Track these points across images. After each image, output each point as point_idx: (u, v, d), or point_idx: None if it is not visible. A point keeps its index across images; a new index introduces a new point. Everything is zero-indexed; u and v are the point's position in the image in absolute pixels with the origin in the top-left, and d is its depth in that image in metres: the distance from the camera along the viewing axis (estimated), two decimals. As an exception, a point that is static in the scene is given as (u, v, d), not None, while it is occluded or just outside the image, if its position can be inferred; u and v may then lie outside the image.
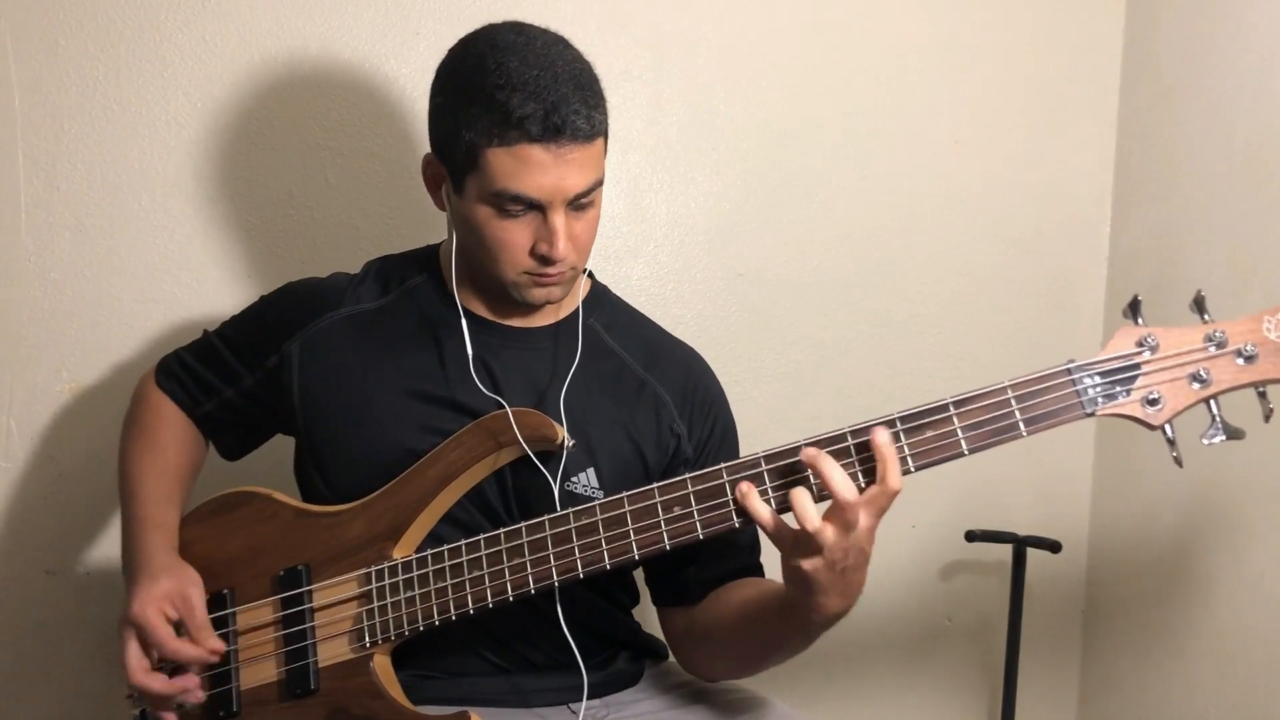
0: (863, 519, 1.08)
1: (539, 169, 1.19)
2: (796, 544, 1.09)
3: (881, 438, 1.08)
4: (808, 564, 1.09)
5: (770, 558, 1.31)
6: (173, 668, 1.28)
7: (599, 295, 1.45)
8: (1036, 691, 2.14)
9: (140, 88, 1.73)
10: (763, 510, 1.11)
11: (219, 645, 1.27)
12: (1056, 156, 2.11)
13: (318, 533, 1.30)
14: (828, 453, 1.09)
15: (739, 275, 1.99)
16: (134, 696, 1.34)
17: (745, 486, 1.12)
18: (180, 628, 1.26)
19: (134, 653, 1.25)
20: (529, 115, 1.17)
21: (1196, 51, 1.93)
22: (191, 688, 1.27)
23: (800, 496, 1.09)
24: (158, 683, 1.25)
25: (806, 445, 1.11)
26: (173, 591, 1.26)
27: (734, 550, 1.36)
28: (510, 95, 1.17)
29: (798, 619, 1.16)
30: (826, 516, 1.08)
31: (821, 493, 1.09)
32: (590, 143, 1.21)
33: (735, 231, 1.98)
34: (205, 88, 1.75)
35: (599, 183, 1.25)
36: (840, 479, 1.07)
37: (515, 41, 1.22)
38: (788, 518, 1.11)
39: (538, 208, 1.22)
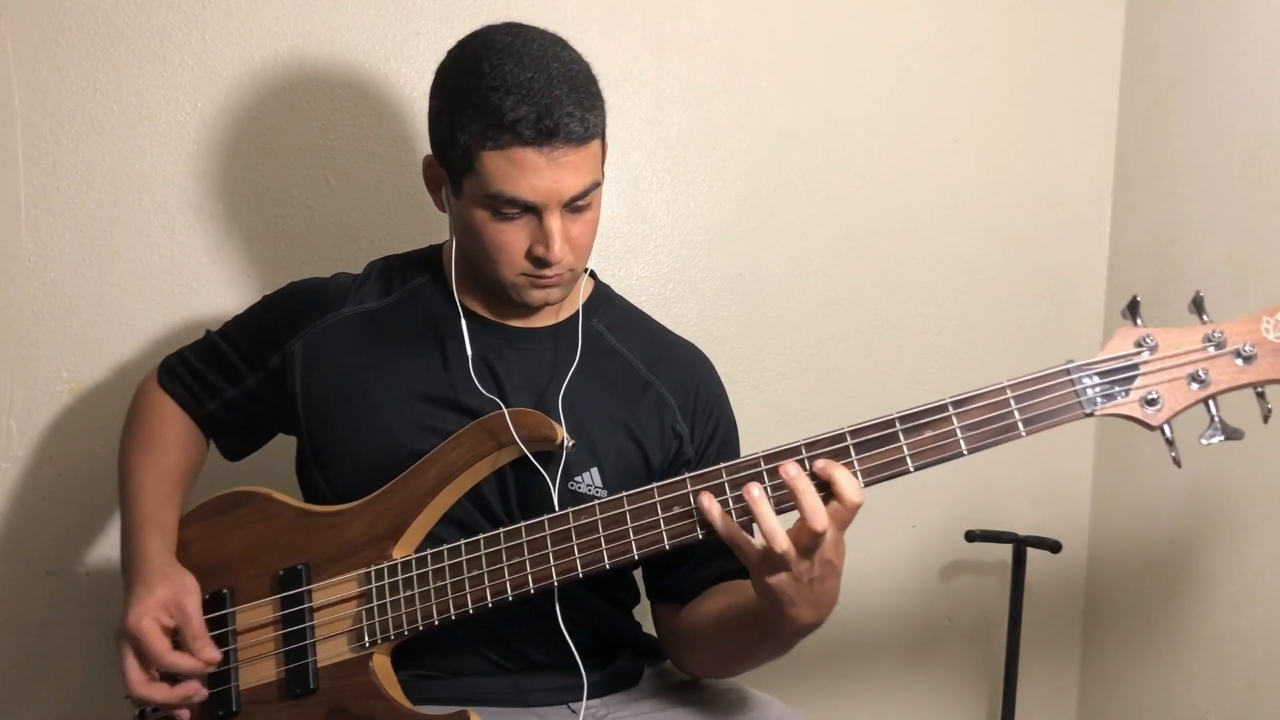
0: (828, 534, 1.08)
1: (533, 172, 1.19)
2: (764, 561, 1.10)
3: (789, 470, 1.10)
4: (774, 580, 1.11)
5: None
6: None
7: (603, 296, 1.45)
8: (1036, 691, 2.14)
9: (140, 88, 1.73)
10: (729, 526, 1.12)
11: (214, 656, 1.26)
12: (1056, 156, 2.11)
13: (318, 532, 1.30)
14: (824, 455, 1.11)
15: (739, 275, 1.99)
16: (133, 697, 1.34)
17: (707, 501, 1.13)
18: (177, 637, 1.26)
19: (132, 666, 1.25)
20: (521, 118, 1.17)
21: (1196, 51, 1.93)
22: (192, 693, 1.27)
23: (767, 520, 1.09)
24: (159, 693, 1.25)
25: (787, 465, 1.11)
26: (168, 600, 1.26)
27: (728, 551, 1.36)
28: (503, 98, 1.17)
29: (770, 628, 1.18)
30: (792, 533, 1.08)
31: (783, 505, 1.10)
32: (584, 145, 1.21)
33: (735, 231, 1.98)
34: (205, 88, 1.75)
35: (595, 184, 1.25)
36: (810, 504, 1.08)
37: (511, 43, 1.21)
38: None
39: (533, 210, 1.22)
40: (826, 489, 1.09)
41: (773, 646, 1.23)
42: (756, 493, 1.11)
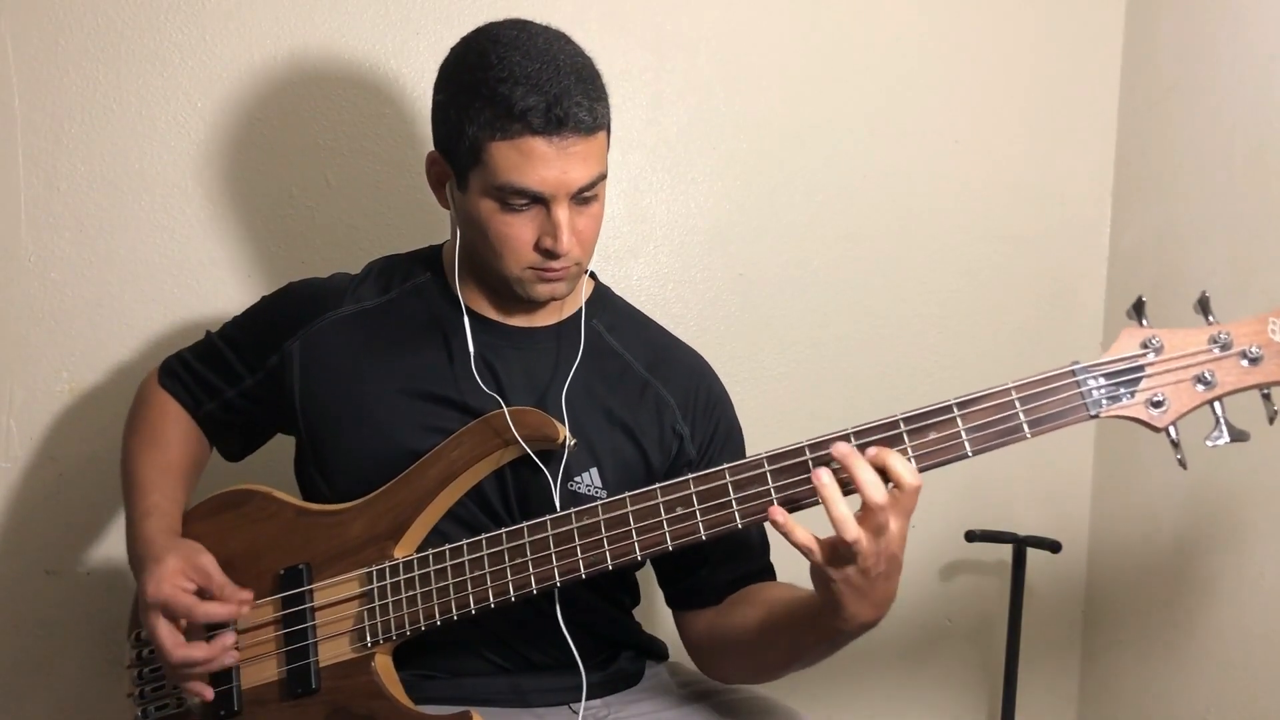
0: (891, 523, 1.05)
1: (542, 162, 1.19)
2: (833, 554, 1.07)
3: (840, 450, 1.06)
4: (840, 572, 1.07)
5: (786, 561, 1.31)
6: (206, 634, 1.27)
7: (602, 296, 1.45)
8: (1036, 691, 2.14)
9: (140, 88, 1.73)
10: (804, 535, 1.07)
11: (247, 595, 1.27)
12: (1056, 156, 2.11)
13: (319, 531, 1.30)
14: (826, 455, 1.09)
15: (739, 275, 1.99)
16: (134, 696, 1.34)
17: (781, 516, 1.08)
18: (202, 596, 1.26)
19: (166, 631, 1.24)
20: (531, 108, 1.17)
21: (1196, 51, 1.93)
22: (231, 644, 1.27)
23: (837, 507, 1.05)
24: (200, 650, 1.25)
25: (838, 440, 1.09)
26: (183, 564, 1.26)
27: (746, 552, 1.36)
28: (513, 89, 1.18)
29: (827, 628, 1.14)
30: (858, 521, 1.05)
31: (848, 488, 1.07)
32: (592, 135, 1.21)
33: (735, 231, 1.98)
34: (205, 88, 1.75)
35: (602, 176, 1.25)
36: (871, 480, 1.05)
37: (517, 37, 1.22)
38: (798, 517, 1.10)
39: (541, 201, 1.22)
40: (882, 476, 1.06)
41: (823, 650, 1.20)
42: (826, 478, 1.06)
